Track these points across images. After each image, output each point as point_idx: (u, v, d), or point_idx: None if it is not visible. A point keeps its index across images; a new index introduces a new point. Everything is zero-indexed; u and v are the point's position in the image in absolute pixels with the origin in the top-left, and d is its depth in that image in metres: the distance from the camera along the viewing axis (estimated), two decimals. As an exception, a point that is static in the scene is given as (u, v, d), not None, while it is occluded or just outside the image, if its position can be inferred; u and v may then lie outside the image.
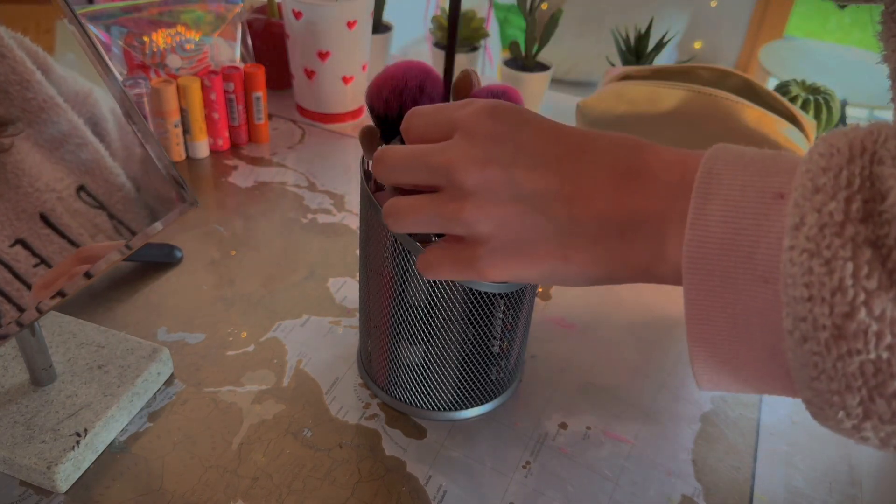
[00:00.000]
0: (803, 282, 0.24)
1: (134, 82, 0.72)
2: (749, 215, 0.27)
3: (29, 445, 0.43)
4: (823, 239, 0.24)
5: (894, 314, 0.23)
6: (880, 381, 0.24)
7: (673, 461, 0.49)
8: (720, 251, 0.27)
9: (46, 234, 0.41)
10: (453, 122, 0.34)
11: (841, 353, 0.24)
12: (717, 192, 0.27)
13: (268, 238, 0.67)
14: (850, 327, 0.24)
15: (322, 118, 0.87)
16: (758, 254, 0.26)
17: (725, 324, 0.28)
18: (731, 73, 0.69)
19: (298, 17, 0.79)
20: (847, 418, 0.26)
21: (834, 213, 0.24)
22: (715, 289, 0.27)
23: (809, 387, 0.26)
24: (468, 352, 0.47)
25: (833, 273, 0.24)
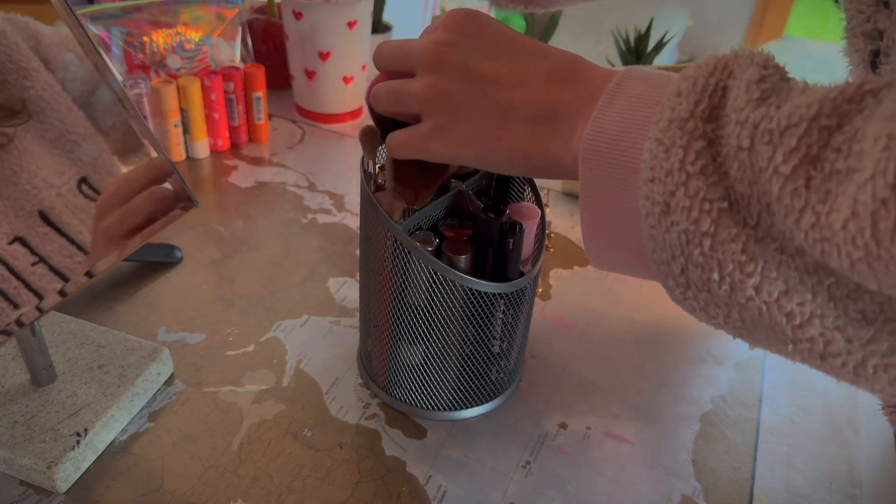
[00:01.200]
0: (650, 165, 0.29)
1: (134, 82, 0.72)
2: (635, 118, 0.31)
3: (29, 445, 0.43)
4: (669, 130, 0.28)
5: (706, 195, 0.27)
6: (689, 250, 0.28)
7: (673, 461, 0.49)
8: (607, 146, 0.31)
9: (45, 233, 0.41)
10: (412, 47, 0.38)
11: (667, 225, 0.29)
12: (619, 99, 0.32)
13: (268, 238, 0.67)
14: (673, 203, 0.28)
15: (322, 118, 0.87)
16: (633, 149, 0.30)
17: (607, 208, 0.32)
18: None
19: (299, 17, 0.79)
20: (676, 286, 0.30)
21: (682, 111, 0.28)
22: (600, 177, 0.32)
23: (654, 260, 0.30)
24: (468, 352, 0.47)
25: (669, 158, 0.28)
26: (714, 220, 0.27)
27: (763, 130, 0.26)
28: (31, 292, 0.40)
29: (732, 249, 0.27)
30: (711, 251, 0.28)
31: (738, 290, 0.28)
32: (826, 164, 0.25)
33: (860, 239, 0.23)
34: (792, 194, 0.25)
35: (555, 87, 0.35)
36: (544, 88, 0.35)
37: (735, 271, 0.27)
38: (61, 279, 0.41)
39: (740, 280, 0.27)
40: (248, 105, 0.80)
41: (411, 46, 0.38)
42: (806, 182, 0.25)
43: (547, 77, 0.35)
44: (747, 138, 0.26)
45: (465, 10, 0.38)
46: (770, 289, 0.27)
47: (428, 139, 0.37)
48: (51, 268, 0.41)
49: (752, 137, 0.26)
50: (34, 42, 0.41)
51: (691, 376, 0.55)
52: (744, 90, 0.27)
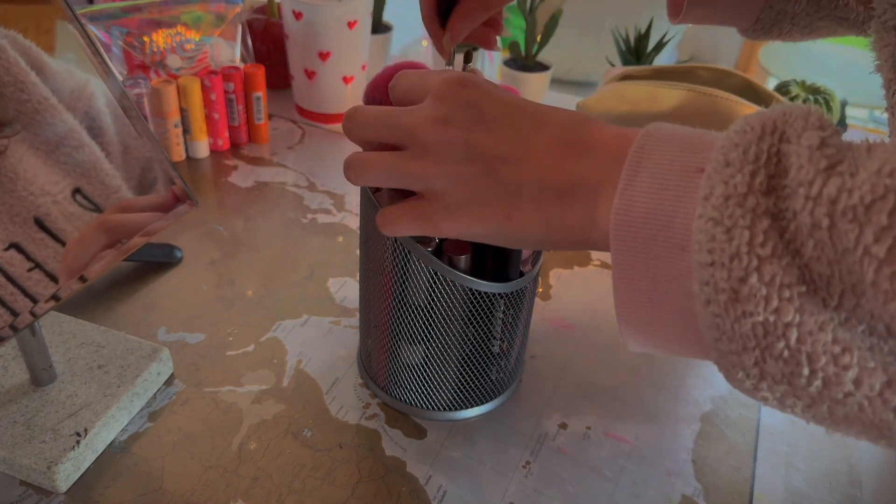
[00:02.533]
0: (707, 248, 0.26)
1: (134, 82, 0.72)
2: (671, 187, 0.28)
3: (29, 445, 0.43)
4: (727, 208, 0.26)
5: (783, 280, 0.25)
6: (769, 342, 0.26)
7: (673, 461, 0.49)
8: (643, 219, 0.29)
9: (41, 239, 0.41)
10: (428, 87, 0.36)
11: (737, 314, 0.26)
12: (647, 165, 0.29)
13: (268, 238, 0.67)
14: (744, 290, 0.26)
15: (322, 118, 0.87)
16: (676, 223, 0.28)
17: (647, 288, 0.30)
18: (731, 73, 0.69)
19: (299, 17, 0.79)
20: (747, 378, 0.28)
21: (738, 185, 0.26)
22: (637, 255, 0.29)
23: (715, 348, 0.28)
24: (468, 352, 0.47)
25: (732, 240, 0.26)
26: (797, 308, 0.25)
27: (844, 208, 0.23)
28: (27, 298, 0.40)
29: (823, 340, 0.25)
30: (799, 344, 0.25)
31: (834, 385, 0.25)
32: None
33: None
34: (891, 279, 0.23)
35: (565, 158, 0.33)
36: (554, 162, 0.33)
37: (829, 365, 0.25)
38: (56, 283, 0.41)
39: (835, 374, 0.25)
40: (248, 105, 0.80)
41: (401, 120, 0.36)
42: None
43: (554, 147, 0.33)
44: (825, 216, 0.24)
45: (456, 77, 0.36)
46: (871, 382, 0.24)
47: (436, 220, 0.35)
48: (46, 273, 0.41)
49: (830, 215, 0.24)
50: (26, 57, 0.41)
51: (691, 376, 0.56)
52: (807, 159, 0.25)
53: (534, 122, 0.34)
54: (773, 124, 0.27)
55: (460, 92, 0.35)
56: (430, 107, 0.35)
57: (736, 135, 0.27)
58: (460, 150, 0.34)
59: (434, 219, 0.35)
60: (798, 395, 0.27)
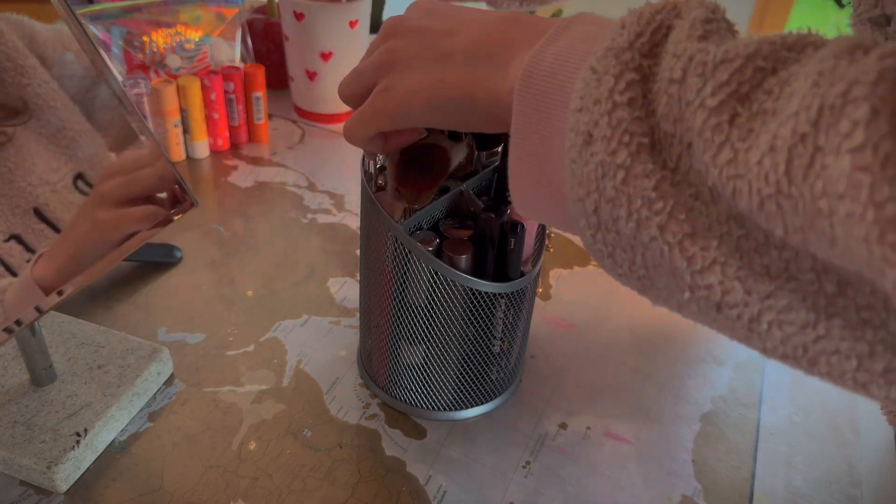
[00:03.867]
0: (580, 94, 0.27)
1: (134, 82, 0.72)
2: (575, 53, 0.30)
3: (29, 445, 0.43)
4: (605, 59, 0.27)
5: (629, 127, 0.26)
6: (604, 183, 0.27)
7: (673, 461, 0.49)
8: (543, 78, 0.30)
9: (41, 230, 0.41)
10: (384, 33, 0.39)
11: (586, 156, 0.27)
12: (565, 36, 0.31)
13: (268, 238, 0.67)
14: (596, 133, 0.27)
15: (323, 118, 0.87)
16: (568, 84, 0.29)
17: (535, 144, 0.31)
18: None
19: (300, 18, 0.79)
20: (588, 227, 0.29)
21: (621, 42, 0.27)
22: (532, 111, 0.30)
23: (570, 197, 0.29)
24: (468, 352, 0.47)
25: (600, 86, 0.27)
26: (632, 153, 0.26)
27: (697, 63, 0.25)
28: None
29: (644, 185, 0.26)
30: (623, 185, 0.27)
31: (643, 227, 0.27)
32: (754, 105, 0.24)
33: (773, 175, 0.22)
34: (714, 129, 0.24)
35: (498, 27, 0.35)
36: (486, 30, 0.35)
37: (643, 208, 0.26)
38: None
39: (646, 217, 0.26)
40: (248, 105, 0.80)
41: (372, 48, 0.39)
42: (731, 118, 0.24)
43: (493, 21, 0.35)
44: (680, 70, 0.26)
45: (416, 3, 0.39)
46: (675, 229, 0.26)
47: (382, 104, 0.37)
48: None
49: (684, 69, 0.25)
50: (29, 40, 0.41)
51: (691, 376, 0.56)
52: (687, 26, 0.27)
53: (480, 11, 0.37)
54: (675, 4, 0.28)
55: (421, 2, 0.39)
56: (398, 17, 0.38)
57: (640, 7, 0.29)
58: (407, 34, 0.37)
59: (386, 107, 0.36)
60: (623, 246, 0.28)
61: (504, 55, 0.33)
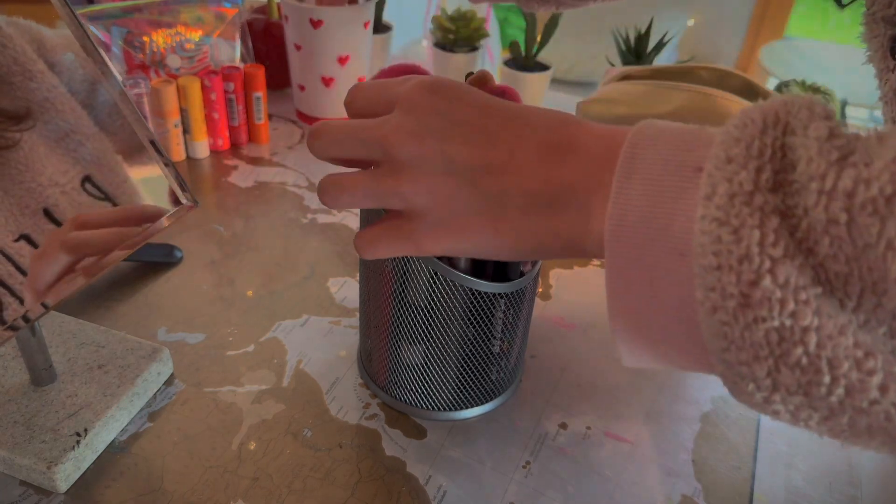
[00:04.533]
0: (712, 250, 0.25)
1: (134, 82, 0.72)
2: (667, 189, 0.27)
3: (29, 445, 0.43)
4: (733, 208, 0.24)
5: (798, 282, 0.23)
6: (784, 349, 0.24)
7: (673, 461, 0.49)
8: (639, 224, 0.27)
9: (50, 230, 0.41)
10: (394, 96, 0.34)
11: (748, 321, 0.24)
12: (640, 167, 0.28)
13: (268, 238, 0.67)
14: (756, 295, 0.24)
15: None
16: (674, 226, 0.26)
17: (643, 298, 0.28)
18: (731, 73, 0.69)
19: (318, 25, 0.78)
20: (757, 390, 0.26)
21: (744, 182, 0.24)
22: (633, 262, 0.27)
23: (721, 359, 0.26)
24: (468, 351, 0.47)
25: (741, 241, 0.24)
26: (815, 310, 0.23)
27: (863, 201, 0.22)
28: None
29: (844, 344, 0.23)
30: (818, 349, 0.23)
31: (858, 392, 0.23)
32: None
33: None
34: None
35: (550, 163, 0.31)
36: (538, 168, 0.31)
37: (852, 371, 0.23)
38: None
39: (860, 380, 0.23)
40: (248, 105, 0.80)
41: (371, 134, 0.34)
42: None
43: (538, 152, 0.31)
44: (842, 211, 0.23)
45: (426, 82, 0.33)
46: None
47: (417, 238, 0.34)
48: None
49: (848, 210, 0.22)
50: (38, 45, 0.41)
51: (691, 376, 0.55)
52: (816, 151, 0.24)
53: (513, 126, 0.32)
54: (776, 116, 0.25)
55: (431, 99, 0.33)
56: (399, 117, 0.33)
57: (736, 129, 0.26)
58: (437, 163, 0.32)
59: (415, 237, 0.34)
60: (815, 406, 0.25)
61: (573, 202, 0.30)
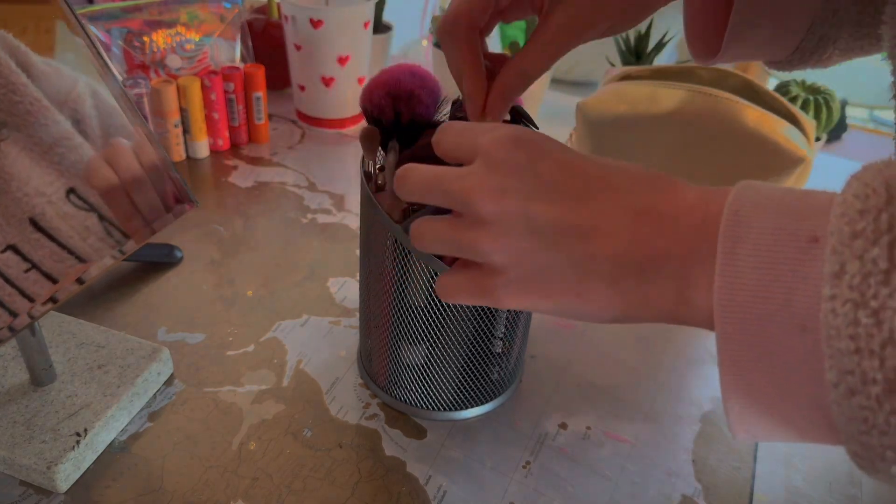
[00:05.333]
0: (848, 333, 0.23)
1: (134, 82, 0.72)
2: (782, 261, 0.25)
3: (29, 445, 0.43)
4: (869, 288, 0.23)
5: None
6: None
7: (673, 461, 0.49)
8: (753, 298, 0.26)
9: (37, 239, 0.41)
10: (476, 146, 0.33)
11: (894, 406, 0.23)
12: (747, 235, 0.26)
13: (268, 238, 0.67)
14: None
15: (335, 123, 0.87)
16: (794, 302, 0.25)
17: (763, 375, 0.27)
18: (731, 73, 0.69)
19: (318, 25, 0.78)
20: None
21: (878, 260, 0.23)
22: (750, 339, 0.26)
23: (858, 441, 0.25)
24: (469, 352, 0.47)
25: (882, 324, 0.23)
26: None
27: None
28: (25, 298, 0.40)
29: None
30: None
31: None
32: None
33: None
34: None
35: (640, 229, 0.29)
36: (628, 234, 0.30)
37: None
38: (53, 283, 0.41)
39: None
40: (248, 105, 0.80)
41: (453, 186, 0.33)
42: None
43: (628, 217, 0.30)
44: None
45: (509, 136, 0.32)
46: None
47: (499, 295, 0.33)
48: (43, 273, 0.41)
49: None
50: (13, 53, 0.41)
51: (691, 376, 0.56)
52: None
53: (600, 187, 0.31)
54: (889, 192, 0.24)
55: (514, 154, 0.32)
56: (481, 172, 0.32)
57: (857, 200, 0.24)
58: (520, 223, 0.31)
59: (496, 294, 0.33)
60: None
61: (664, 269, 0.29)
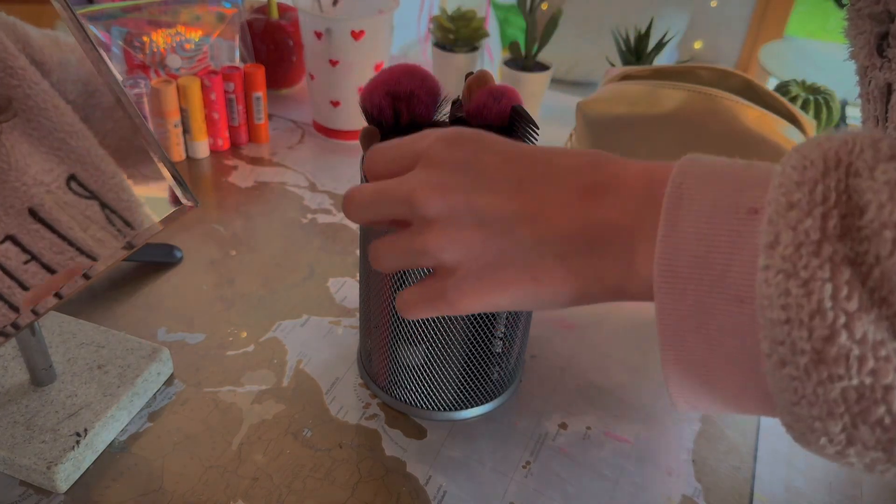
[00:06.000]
0: (780, 303, 0.24)
1: (134, 82, 0.72)
2: (721, 231, 0.26)
3: (29, 445, 0.43)
4: (800, 259, 0.23)
5: (877, 337, 0.22)
6: (864, 407, 0.23)
7: (673, 461, 0.49)
8: (692, 269, 0.26)
9: (36, 230, 0.40)
10: (414, 154, 0.33)
11: (822, 378, 0.23)
12: (689, 207, 0.26)
13: (268, 238, 0.67)
14: (831, 351, 0.23)
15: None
16: (731, 272, 0.25)
17: (700, 345, 0.27)
18: (731, 73, 0.69)
19: (359, 37, 0.76)
20: (830, 444, 0.25)
21: (810, 230, 0.23)
22: (688, 308, 0.26)
23: (790, 411, 0.25)
24: (469, 352, 0.47)
25: (811, 295, 0.23)
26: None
27: None
28: (25, 290, 0.40)
29: None
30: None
31: None
32: None
33: None
34: None
35: (585, 208, 0.29)
36: (574, 211, 0.30)
37: None
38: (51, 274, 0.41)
39: None
40: (248, 105, 0.80)
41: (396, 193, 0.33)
42: None
43: (572, 195, 0.30)
44: None
45: (445, 136, 0.32)
46: None
47: (451, 297, 0.32)
48: (42, 265, 0.41)
49: None
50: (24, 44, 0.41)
51: (691, 376, 0.55)
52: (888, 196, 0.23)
53: (540, 171, 0.31)
54: (836, 156, 0.24)
55: (452, 151, 0.32)
56: (423, 173, 0.32)
57: (794, 171, 0.25)
58: (466, 216, 0.31)
59: (448, 297, 0.32)
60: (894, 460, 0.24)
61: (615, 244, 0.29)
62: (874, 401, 0.23)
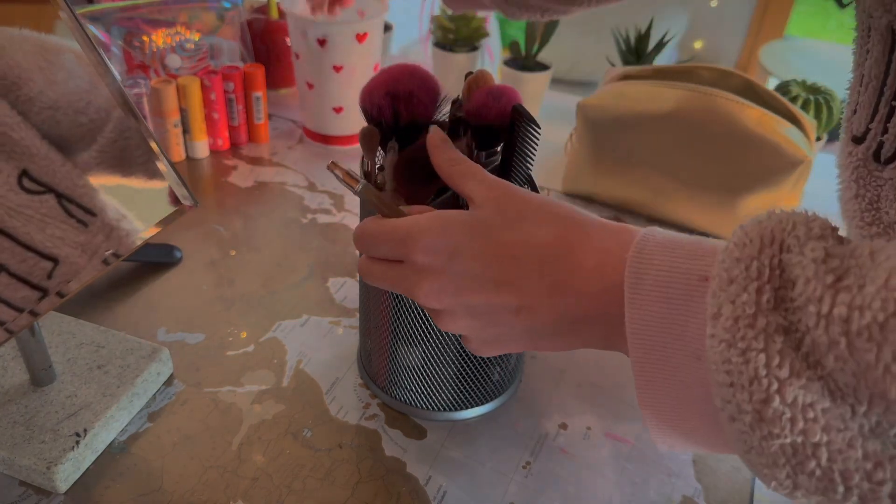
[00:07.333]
0: (724, 369, 0.26)
1: (134, 82, 0.72)
2: (678, 295, 0.29)
3: (29, 445, 0.43)
4: (738, 331, 0.26)
5: (806, 399, 0.25)
6: (799, 460, 0.25)
7: (673, 461, 0.48)
8: (657, 328, 0.29)
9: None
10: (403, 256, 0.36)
11: (763, 434, 0.26)
12: (646, 273, 0.30)
13: (268, 238, 0.67)
14: (768, 413, 0.25)
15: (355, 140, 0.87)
16: (688, 333, 0.28)
17: (668, 394, 0.30)
18: (731, 73, 0.69)
19: (363, 39, 0.76)
20: (780, 487, 0.27)
21: (746, 304, 0.26)
22: (655, 363, 0.30)
23: (745, 458, 0.28)
24: (469, 352, 0.47)
25: (749, 363, 0.26)
26: (824, 427, 0.25)
27: (859, 328, 0.23)
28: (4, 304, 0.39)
29: (854, 457, 0.24)
30: (830, 463, 0.25)
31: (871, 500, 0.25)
32: None
33: None
34: None
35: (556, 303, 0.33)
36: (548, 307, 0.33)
37: (863, 482, 0.24)
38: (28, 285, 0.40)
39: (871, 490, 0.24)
40: (248, 105, 0.80)
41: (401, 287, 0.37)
42: None
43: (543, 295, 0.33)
44: (841, 336, 0.24)
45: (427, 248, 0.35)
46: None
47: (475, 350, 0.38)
48: (13, 276, 0.39)
49: (846, 334, 0.24)
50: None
51: (691, 376, 0.55)
52: (812, 273, 0.25)
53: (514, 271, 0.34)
54: (772, 234, 0.27)
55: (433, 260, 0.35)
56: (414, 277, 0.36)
57: (736, 248, 0.27)
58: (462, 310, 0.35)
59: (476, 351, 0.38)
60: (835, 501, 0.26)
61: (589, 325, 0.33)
62: (806, 456, 0.25)
